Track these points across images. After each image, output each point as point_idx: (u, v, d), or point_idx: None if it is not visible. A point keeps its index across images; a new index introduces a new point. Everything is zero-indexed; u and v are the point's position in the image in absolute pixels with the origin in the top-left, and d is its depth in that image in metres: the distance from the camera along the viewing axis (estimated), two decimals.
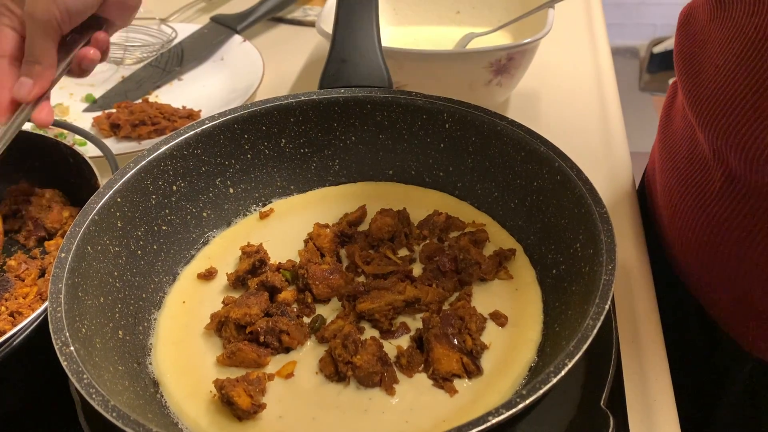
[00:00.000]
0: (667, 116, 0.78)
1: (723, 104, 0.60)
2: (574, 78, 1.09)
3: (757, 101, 0.56)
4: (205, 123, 0.67)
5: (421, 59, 0.86)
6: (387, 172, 0.75)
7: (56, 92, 1.09)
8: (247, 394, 0.53)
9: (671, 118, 0.76)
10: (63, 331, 0.49)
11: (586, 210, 0.56)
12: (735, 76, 0.58)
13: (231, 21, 1.21)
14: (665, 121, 0.78)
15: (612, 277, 0.50)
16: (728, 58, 0.59)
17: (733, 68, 0.59)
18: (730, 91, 0.59)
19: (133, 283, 0.61)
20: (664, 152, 0.76)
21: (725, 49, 0.60)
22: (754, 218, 0.61)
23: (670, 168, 0.73)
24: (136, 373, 0.56)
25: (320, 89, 0.72)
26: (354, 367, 0.53)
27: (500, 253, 0.64)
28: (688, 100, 0.66)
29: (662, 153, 0.76)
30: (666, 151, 0.75)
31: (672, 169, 0.72)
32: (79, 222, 0.57)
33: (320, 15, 0.92)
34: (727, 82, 0.59)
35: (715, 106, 0.61)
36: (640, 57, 3.12)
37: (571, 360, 0.44)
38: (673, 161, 0.72)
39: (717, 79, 0.61)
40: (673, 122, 0.75)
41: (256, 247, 0.66)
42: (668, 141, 0.75)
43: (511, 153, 0.66)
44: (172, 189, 0.66)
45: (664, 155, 0.76)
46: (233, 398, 0.52)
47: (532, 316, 0.59)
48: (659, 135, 0.80)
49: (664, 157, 0.75)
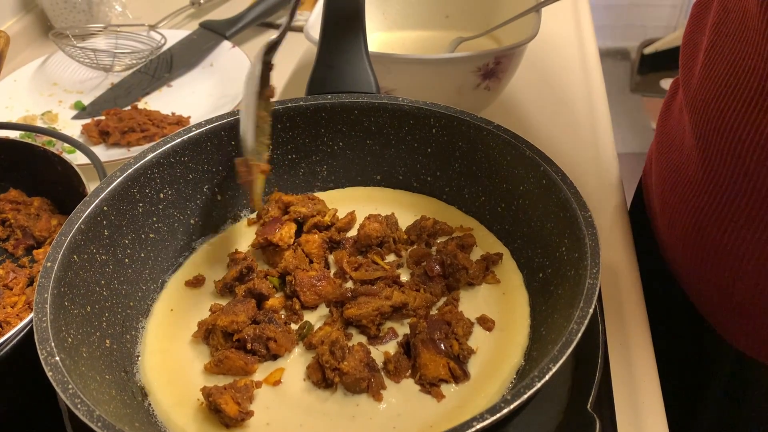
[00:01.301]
0: (666, 111, 0.79)
1: (709, 90, 0.61)
2: (562, 81, 1.09)
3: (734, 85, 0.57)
4: (192, 130, 0.67)
5: (408, 64, 0.87)
6: (375, 177, 0.75)
7: (45, 99, 1.10)
8: (234, 401, 0.53)
9: (669, 114, 0.77)
10: (48, 341, 0.49)
11: (570, 214, 0.56)
12: (719, 58, 0.59)
13: (220, 27, 1.21)
14: (665, 116, 0.79)
15: (596, 280, 0.50)
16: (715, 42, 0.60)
17: (718, 51, 0.59)
18: (714, 75, 0.60)
19: (121, 291, 0.61)
20: (659, 147, 0.77)
21: (712, 33, 0.61)
22: (731, 209, 0.62)
23: (663, 162, 0.74)
24: (123, 381, 0.56)
25: (307, 95, 0.72)
26: (341, 373, 0.54)
27: (487, 257, 0.64)
28: (683, 89, 0.67)
29: (658, 147, 0.77)
30: (661, 146, 0.76)
31: (665, 163, 0.73)
32: (65, 231, 0.56)
33: (308, 21, 0.92)
34: (713, 66, 0.60)
35: (703, 92, 0.62)
36: (631, 59, 3.12)
37: (556, 364, 0.44)
38: (666, 155, 0.73)
39: (705, 64, 0.62)
40: (670, 118, 0.76)
41: (243, 254, 0.66)
42: (664, 135, 0.76)
43: (498, 158, 0.66)
44: (160, 197, 0.66)
45: (659, 148, 0.76)
46: (221, 406, 0.52)
47: (519, 320, 0.60)
48: (657, 130, 0.81)
49: (659, 151, 0.76)
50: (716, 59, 0.60)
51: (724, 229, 0.63)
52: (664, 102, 0.81)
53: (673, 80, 0.81)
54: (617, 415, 0.62)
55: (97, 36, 1.20)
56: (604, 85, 1.08)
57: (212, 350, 0.59)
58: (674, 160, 0.71)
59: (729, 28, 0.58)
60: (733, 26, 0.58)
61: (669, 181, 0.71)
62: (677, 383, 0.68)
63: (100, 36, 1.20)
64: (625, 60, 3.13)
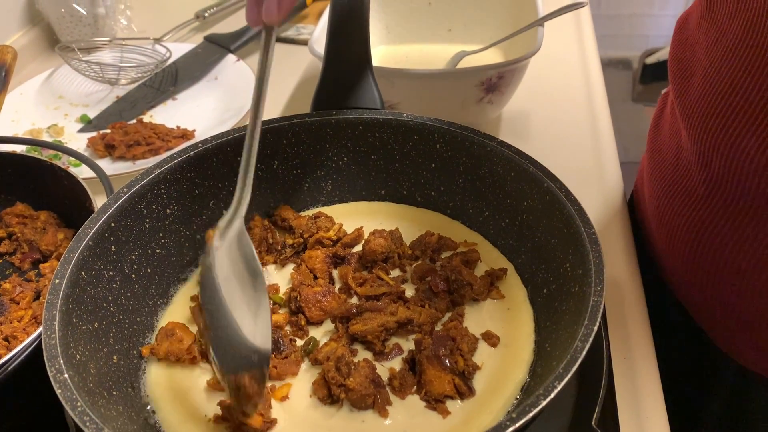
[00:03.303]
0: (656, 126, 0.79)
1: (708, 106, 0.61)
2: (565, 94, 1.10)
3: (737, 103, 0.57)
4: (198, 146, 0.68)
5: (412, 78, 0.87)
6: (379, 191, 0.76)
7: (51, 113, 1.10)
8: (258, 413, 0.53)
9: (660, 129, 0.78)
10: (57, 358, 0.49)
11: (575, 230, 0.56)
12: (719, 78, 0.59)
13: (225, 40, 1.22)
14: (654, 132, 0.80)
15: (600, 298, 0.50)
16: (713, 61, 0.61)
17: (717, 70, 0.60)
18: (715, 92, 0.60)
19: (128, 307, 0.62)
20: (652, 162, 0.77)
21: (711, 52, 0.61)
22: (734, 224, 0.62)
23: (657, 177, 0.74)
24: (130, 397, 0.56)
25: (312, 111, 0.73)
26: (347, 389, 0.54)
27: (492, 273, 0.65)
28: (678, 104, 0.67)
29: (650, 162, 0.78)
30: (654, 161, 0.76)
31: (659, 177, 0.73)
32: (74, 248, 0.57)
33: (312, 36, 0.92)
34: (712, 84, 0.60)
35: (701, 108, 0.62)
36: (632, 68, 3.13)
37: (561, 382, 0.44)
38: (660, 170, 0.74)
39: (704, 82, 0.62)
40: (661, 132, 0.77)
41: None
42: (656, 151, 0.76)
43: (501, 173, 0.66)
44: (166, 212, 0.67)
45: (652, 164, 0.77)
46: (247, 421, 0.52)
47: (523, 336, 0.60)
48: (648, 146, 0.81)
49: (652, 167, 0.77)
50: (714, 78, 0.60)
51: (725, 244, 0.64)
52: (653, 117, 0.82)
53: (661, 95, 0.81)
54: (621, 429, 0.62)
55: (103, 49, 1.21)
56: (607, 98, 1.09)
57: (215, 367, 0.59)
58: (669, 175, 0.71)
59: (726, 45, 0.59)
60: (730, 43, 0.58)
61: (665, 197, 0.71)
62: (677, 395, 0.68)
63: (106, 49, 1.21)
64: (627, 69, 3.14)
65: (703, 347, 0.74)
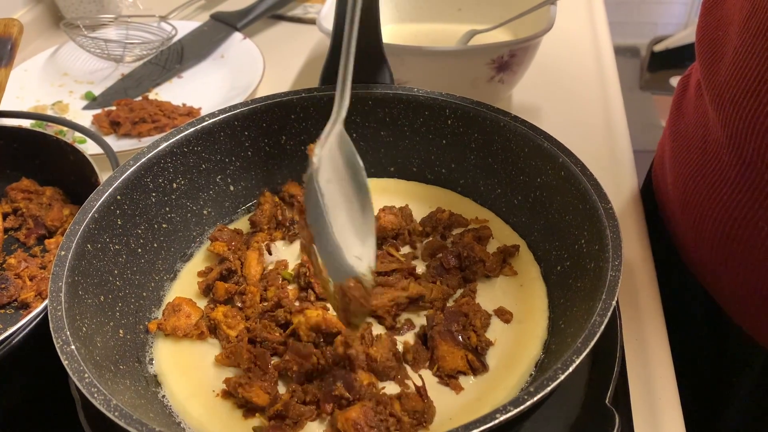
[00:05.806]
0: (678, 110, 0.78)
1: (740, 86, 0.59)
2: (576, 75, 1.08)
3: None
4: (205, 120, 0.67)
5: (423, 56, 0.86)
6: (389, 168, 0.75)
7: (56, 89, 1.09)
8: (264, 391, 0.52)
9: (682, 112, 0.76)
10: (63, 329, 0.48)
11: (591, 206, 0.55)
12: (752, 55, 0.58)
13: (231, 18, 1.21)
14: (676, 116, 0.78)
15: (618, 273, 0.49)
16: (745, 39, 0.59)
17: (750, 48, 0.58)
18: (747, 72, 0.58)
19: (134, 281, 0.61)
20: (675, 146, 0.75)
21: (743, 30, 0.59)
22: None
23: (682, 161, 0.72)
24: (137, 372, 0.56)
25: (321, 86, 0.71)
26: (371, 359, 0.53)
27: (504, 249, 0.64)
28: (706, 86, 0.65)
29: (673, 146, 0.76)
30: (677, 144, 0.74)
31: (684, 161, 0.72)
32: (79, 220, 0.56)
33: (321, 12, 0.91)
34: (746, 62, 0.59)
35: (733, 89, 0.60)
36: (641, 56, 3.10)
37: (579, 356, 0.44)
38: (685, 154, 0.72)
39: (735, 61, 0.60)
40: (684, 116, 0.75)
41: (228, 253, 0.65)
42: (679, 135, 0.74)
43: (515, 149, 0.65)
44: (173, 186, 0.66)
45: (675, 149, 0.75)
46: (252, 399, 0.52)
47: (537, 312, 0.59)
48: (669, 130, 0.79)
49: (675, 151, 0.75)
50: (746, 56, 0.58)
51: (760, 228, 0.62)
52: (674, 101, 0.80)
53: (680, 78, 0.79)
54: (633, 411, 0.61)
55: (108, 26, 1.19)
56: (619, 83, 1.07)
57: (222, 343, 0.58)
58: (695, 159, 0.69)
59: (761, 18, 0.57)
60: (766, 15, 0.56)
61: (692, 182, 0.70)
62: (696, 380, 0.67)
63: (111, 26, 1.19)
64: (635, 57, 3.10)
65: (727, 335, 0.73)
